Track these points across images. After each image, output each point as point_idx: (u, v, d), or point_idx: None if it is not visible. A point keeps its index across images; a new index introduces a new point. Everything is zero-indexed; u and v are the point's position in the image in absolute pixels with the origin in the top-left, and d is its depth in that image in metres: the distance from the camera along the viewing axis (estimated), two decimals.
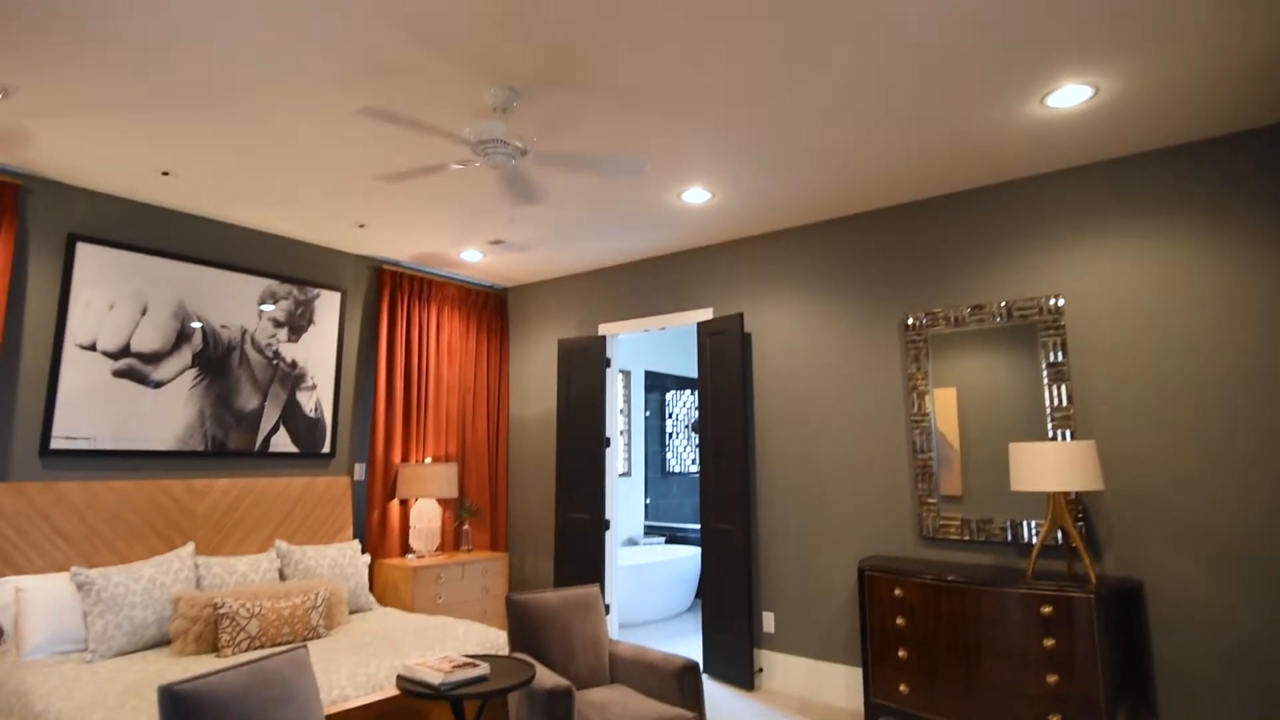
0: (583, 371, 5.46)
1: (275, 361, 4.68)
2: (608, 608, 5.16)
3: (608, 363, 5.42)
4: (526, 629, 3.24)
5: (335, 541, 4.72)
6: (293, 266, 4.84)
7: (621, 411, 7.24)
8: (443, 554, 5.20)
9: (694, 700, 2.99)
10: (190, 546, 3.84)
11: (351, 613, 4.19)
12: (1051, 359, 3.57)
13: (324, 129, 3.27)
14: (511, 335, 6.15)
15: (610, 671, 3.34)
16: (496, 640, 3.62)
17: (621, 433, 7.22)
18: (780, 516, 4.44)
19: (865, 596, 3.59)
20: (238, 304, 4.51)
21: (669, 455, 7.86)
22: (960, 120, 3.15)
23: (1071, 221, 3.62)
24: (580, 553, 5.25)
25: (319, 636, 3.62)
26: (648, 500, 7.47)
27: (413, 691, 2.48)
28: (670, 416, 7.95)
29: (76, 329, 3.87)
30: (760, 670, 4.37)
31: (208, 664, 3.16)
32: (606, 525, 5.22)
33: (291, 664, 2.33)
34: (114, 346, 4.00)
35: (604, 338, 5.41)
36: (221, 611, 3.38)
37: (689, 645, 5.30)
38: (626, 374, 7.34)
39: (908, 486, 3.97)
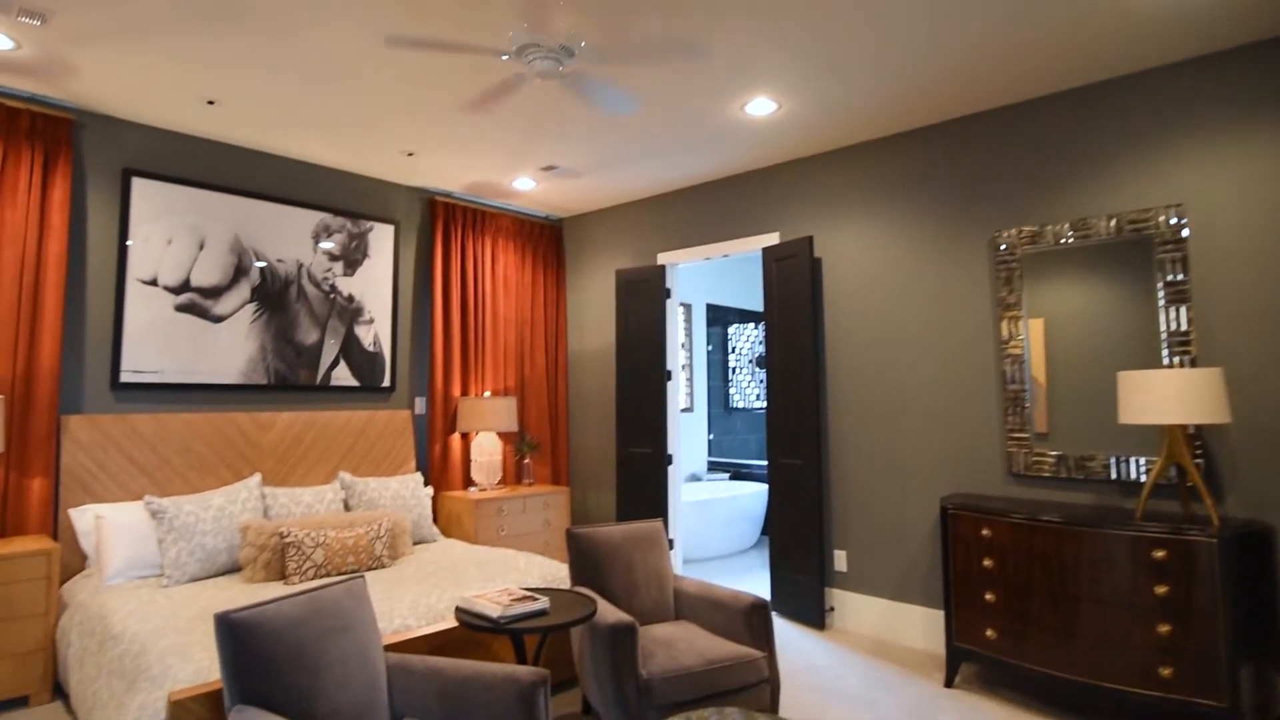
0: (642, 303, 5.25)
1: (332, 295, 4.63)
2: (671, 543, 5.08)
3: (667, 293, 5.19)
4: (588, 563, 3.14)
5: (398, 474, 4.74)
6: (345, 199, 4.73)
7: (683, 346, 7.03)
8: (504, 487, 5.18)
9: (763, 639, 2.86)
10: (257, 477, 3.87)
11: (415, 544, 4.21)
12: (1170, 278, 3.16)
13: (366, 51, 3.06)
14: (568, 268, 5.97)
15: (675, 608, 3.23)
16: (558, 573, 3.56)
17: (683, 367, 7.03)
18: (853, 451, 4.20)
19: (949, 536, 3.35)
20: (292, 238, 4.44)
21: (732, 390, 7.65)
22: (1071, 3, 2.71)
23: (1196, 120, 3.14)
24: (642, 487, 5.14)
25: (383, 566, 3.63)
26: (711, 436, 7.32)
27: (471, 624, 2.41)
28: (733, 351, 7.70)
29: (137, 264, 3.86)
30: (831, 609, 4.22)
31: (275, 591, 3.19)
32: (669, 460, 5.08)
33: (349, 594, 2.27)
34: (174, 281, 3.99)
35: (663, 267, 5.17)
36: (287, 540, 3.41)
37: (755, 583, 5.18)
38: (687, 307, 7.10)
39: (995, 420, 3.66)
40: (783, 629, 4.13)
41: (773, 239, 4.64)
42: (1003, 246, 3.63)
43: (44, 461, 3.47)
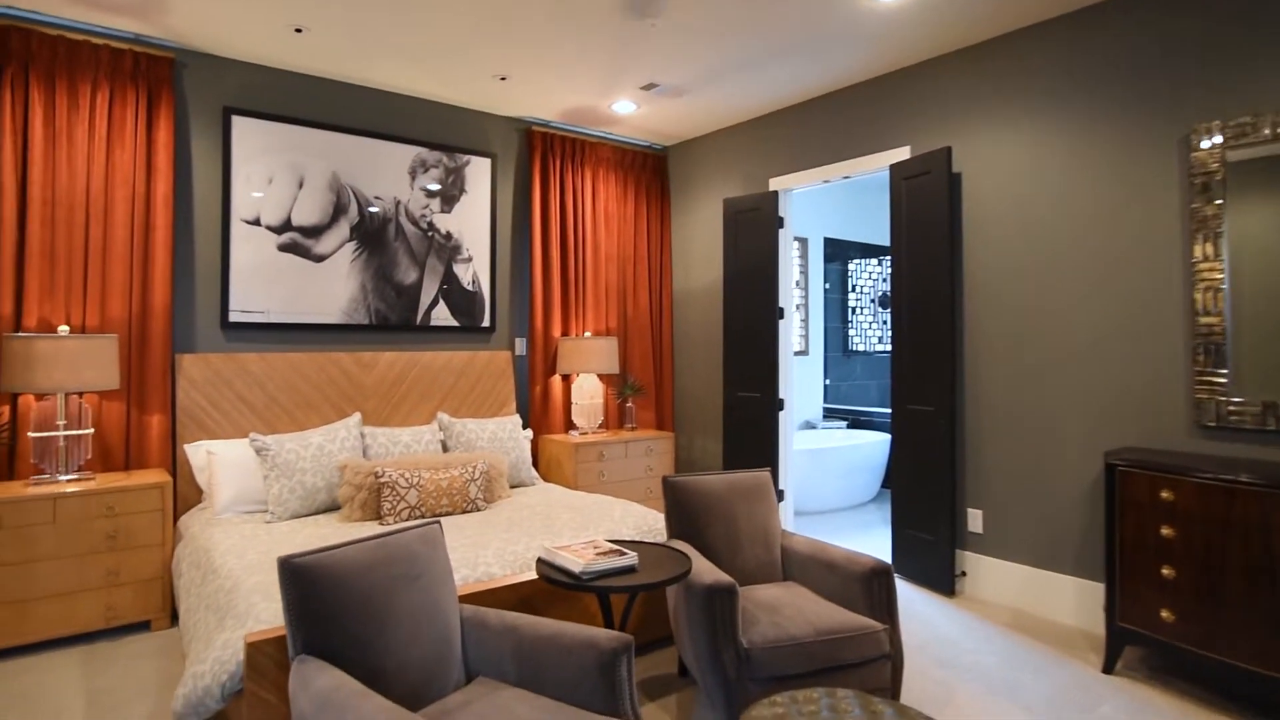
0: (751, 234, 4.82)
1: (430, 233, 4.51)
2: (781, 494, 4.74)
3: (780, 222, 4.72)
4: (685, 515, 2.87)
5: (498, 416, 4.65)
6: (441, 132, 4.56)
7: (797, 284, 6.53)
8: (606, 432, 5.00)
9: (883, 609, 2.49)
10: (357, 416, 3.86)
11: (512, 487, 4.11)
12: None
13: None
14: (673, 200, 5.59)
15: (783, 567, 2.92)
16: (655, 524, 3.32)
17: (798, 307, 6.54)
18: (994, 397, 3.65)
19: (1115, 498, 2.81)
20: (389, 174, 4.33)
21: (852, 333, 7.08)
22: None
23: None
24: (750, 434, 4.81)
25: (477, 510, 3.53)
26: (827, 381, 6.83)
27: (551, 578, 2.21)
28: (854, 289, 7.10)
29: (240, 204, 3.87)
30: (963, 574, 3.76)
31: (370, 530, 3.15)
32: (780, 405, 4.70)
33: (423, 540, 2.11)
34: (276, 221, 3.98)
35: (775, 194, 4.69)
36: (382, 481, 3.36)
37: (874, 540, 4.77)
38: (803, 242, 6.55)
39: (1179, 361, 3.02)
40: (906, 594, 3.73)
41: (901, 154, 4.06)
42: (1204, 144, 2.92)
43: (161, 398, 3.58)
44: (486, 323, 4.76)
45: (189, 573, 2.95)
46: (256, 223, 3.92)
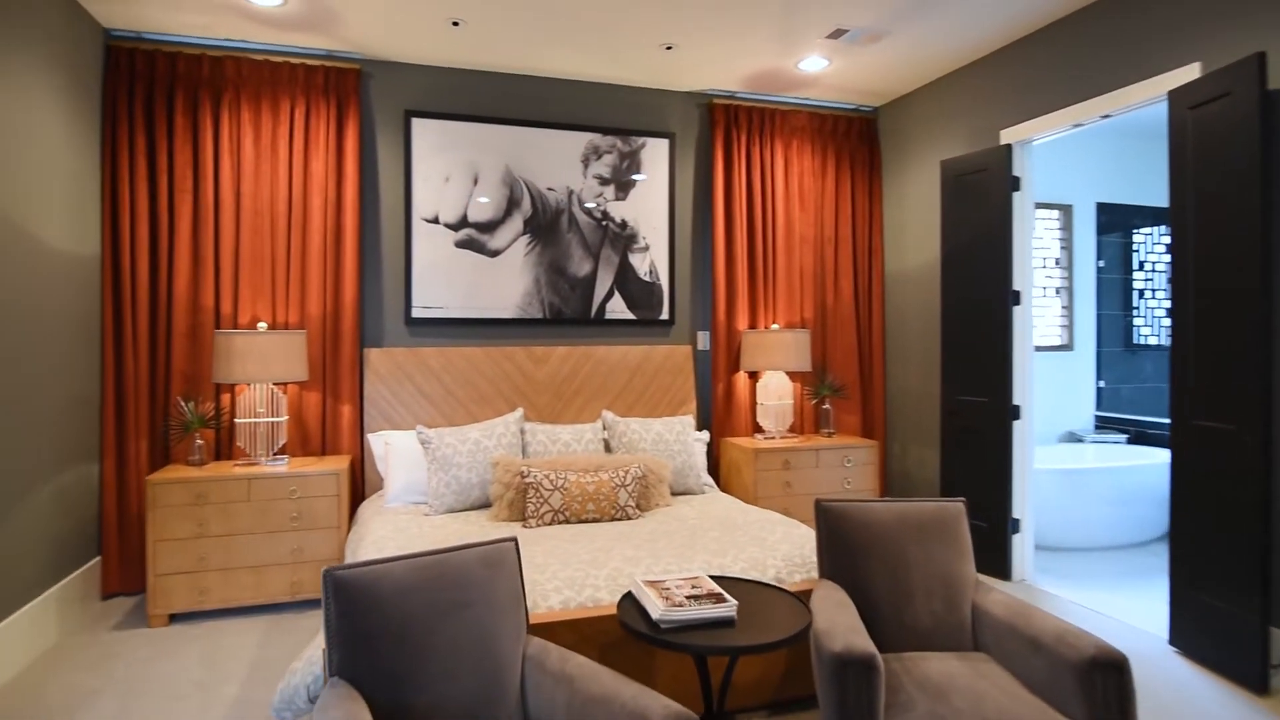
0: (976, 200, 3.92)
1: (604, 222, 4.33)
2: (1016, 524, 3.79)
3: (1014, 184, 3.77)
4: (840, 550, 2.29)
5: (677, 415, 4.33)
6: (613, 115, 4.35)
7: (1057, 262, 5.29)
8: (797, 436, 4.43)
9: (1111, 716, 1.71)
10: (519, 412, 3.79)
11: (677, 494, 3.76)
12: None
13: None
14: (886, 169, 4.81)
15: (973, 632, 2.20)
16: (813, 556, 2.75)
17: (1057, 290, 5.30)
18: None
19: None
20: (561, 163, 4.23)
21: (1138, 321, 5.60)
22: None
23: None
24: (975, 447, 3.92)
25: (627, 518, 3.24)
26: (1101, 384, 5.46)
27: (627, 624, 1.82)
28: (1140, 267, 5.61)
29: (420, 203, 4.01)
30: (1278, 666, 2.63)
31: (520, 531, 3.01)
32: (1014, 414, 3.76)
33: (484, 562, 1.85)
34: (454, 218, 4.06)
35: (1007, 148, 3.75)
36: (528, 481, 3.21)
37: (1149, 597, 3.61)
38: (1064, 210, 5.29)
39: None
40: (1187, 678, 2.70)
41: (1186, 74, 2.95)
42: None
43: (351, 390, 3.82)
44: (665, 315, 4.46)
45: (352, 556, 3.04)
46: (435, 221, 4.03)
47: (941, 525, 2.31)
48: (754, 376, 4.54)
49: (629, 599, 1.99)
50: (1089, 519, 4.32)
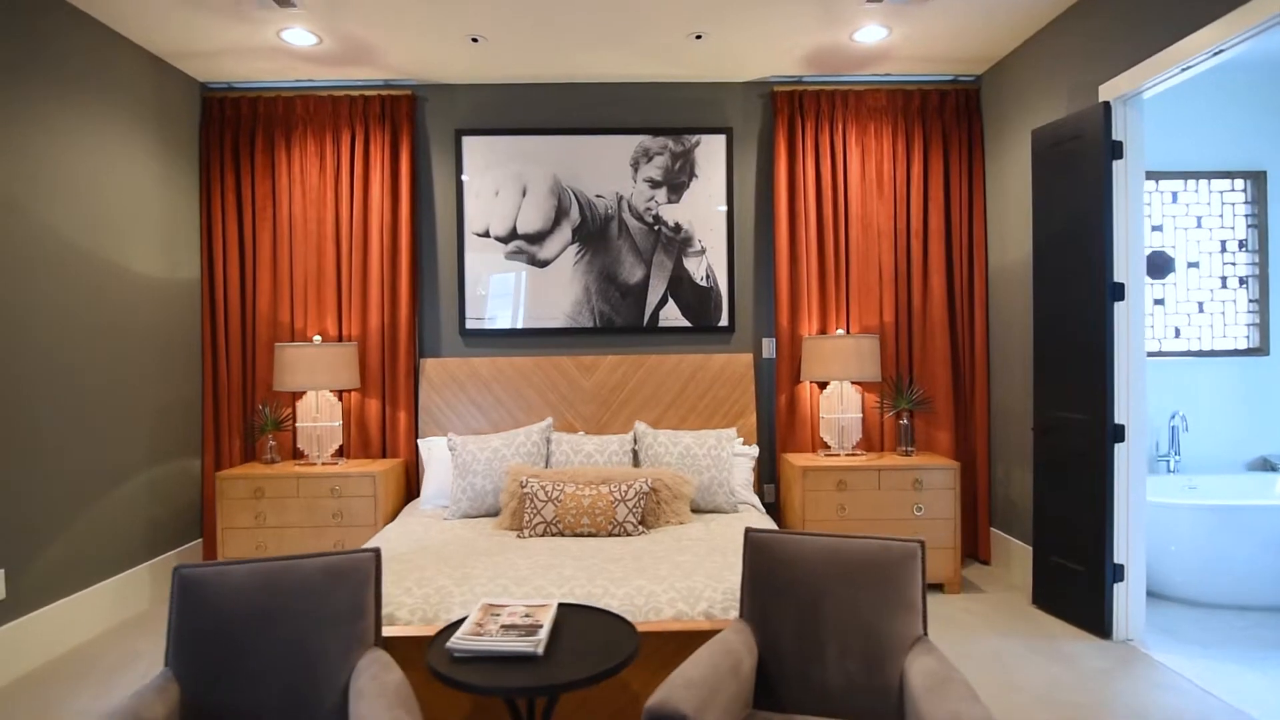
0: (1070, 175, 3.24)
1: (656, 227, 4.20)
2: (1118, 571, 3.06)
3: (1113, 150, 3.05)
4: (762, 587, 2.00)
5: (734, 427, 4.06)
6: (665, 114, 4.21)
7: (1241, 245, 4.19)
8: (867, 454, 3.95)
9: None
10: (547, 421, 3.79)
11: (704, 511, 3.51)
12: None
13: None
14: (989, 147, 4.14)
15: (900, 700, 1.80)
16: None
17: (1241, 281, 4.19)
18: None
19: None
20: (610, 169, 4.17)
21: None
22: None
23: None
24: (1072, 474, 3.23)
25: (625, 534, 3.10)
26: None
27: (430, 661, 1.71)
28: None
29: (471, 218, 4.18)
30: None
31: (508, 541, 3.02)
32: (1115, 435, 3.05)
33: (328, 572, 1.86)
34: (503, 231, 4.18)
35: (1104, 107, 3.05)
36: (525, 491, 3.20)
37: None
38: (1254, 178, 4.17)
39: None
40: None
41: None
42: None
43: (406, 397, 4.07)
44: (724, 322, 4.22)
45: None
46: (486, 234, 4.18)
47: (879, 570, 1.92)
48: (823, 387, 4.13)
49: (448, 630, 1.89)
50: (1243, 569, 3.36)
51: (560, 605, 1.95)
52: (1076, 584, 3.21)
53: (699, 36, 3.62)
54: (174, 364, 3.82)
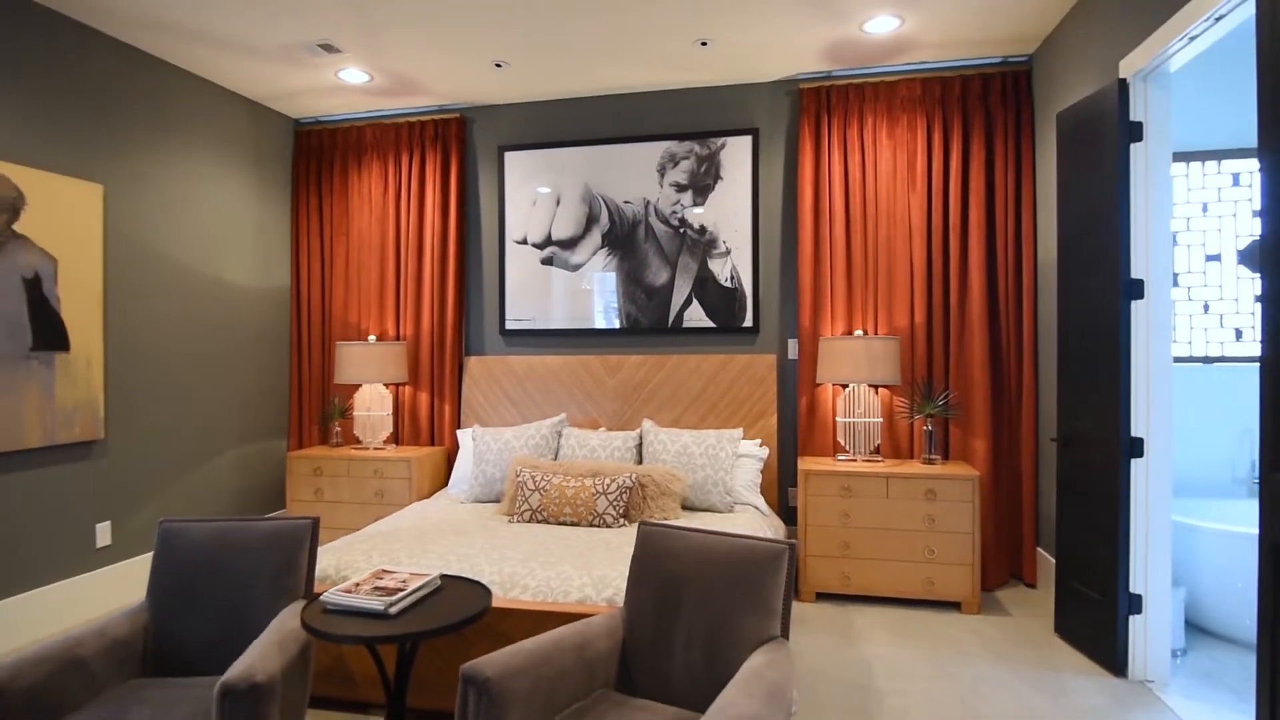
0: (1087, 160, 2.95)
1: (681, 230, 4.29)
2: (1135, 602, 2.74)
3: (1131, 131, 2.75)
4: (640, 576, 2.09)
5: (741, 428, 4.07)
6: (692, 118, 4.28)
7: None
8: (885, 461, 3.78)
9: None
10: (560, 417, 4.00)
11: (696, 510, 3.56)
12: None
13: None
14: (1039, 131, 3.81)
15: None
16: None
17: None
18: None
19: None
20: (637, 176, 4.32)
21: None
22: None
23: None
24: (1090, 488, 2.94)
25: (605, 525, 3.25)
26: None
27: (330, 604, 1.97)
28: None
29: (511, 227, 4.50)
30: None
31: (496, 524, 3.28)
32: (1132, 449, 2.74)
33: (271, 533, 2.20)
34: (539, 238, 4.46)
35: (1120, 85, 2.75)
36: (519, 480, 3.44)
37: None
38: None
39: None
40: None
41: None
42: None
43: (452, 392, 4.47)
44: (748, 322, 4.21)
45: None
46: (524, 242, 4.48)
47: (739, 569, 1.94)
48: (846, 389, 4.00)
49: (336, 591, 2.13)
50: None
51: (444, 576, 2.15)
52: (1093, 613, 2.91)
53: (704, 43, 3.67)
54: (266, 359, 4.48)
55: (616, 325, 4.37)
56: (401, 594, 1.92)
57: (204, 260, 4.04)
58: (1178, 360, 3.67)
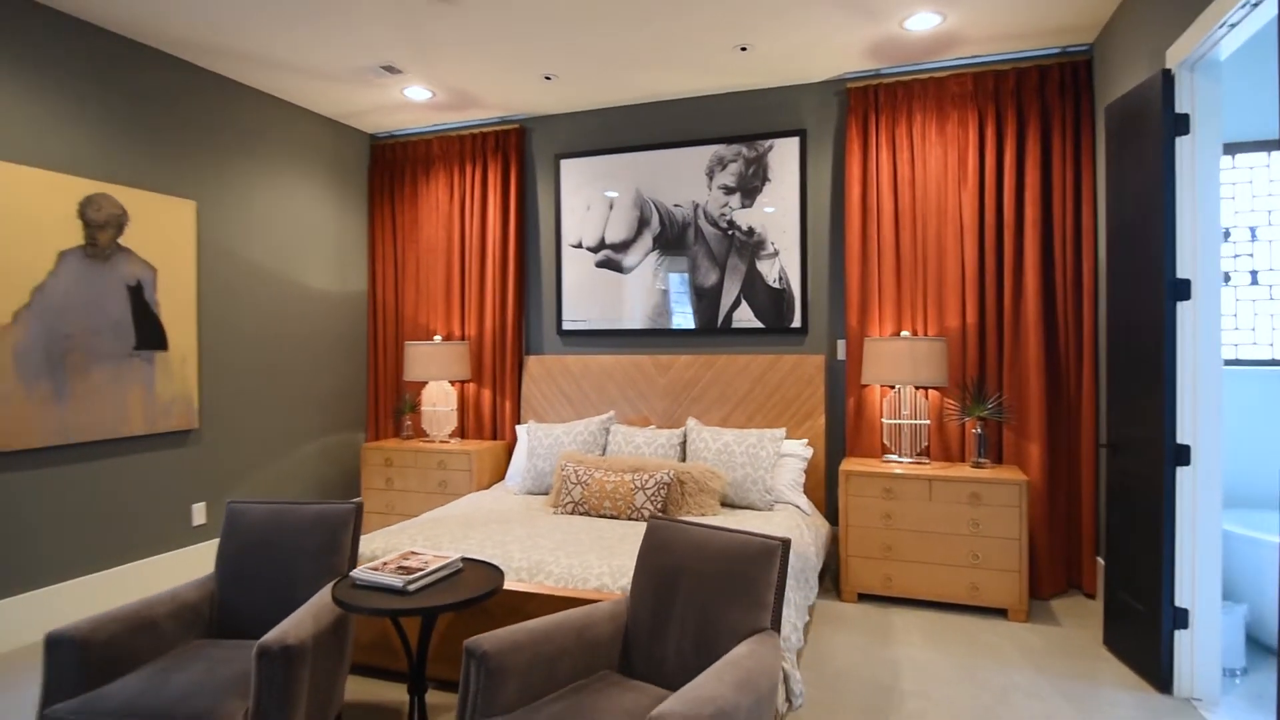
0: (1133, 155, 2.83)
1: (730, 232, 4.35)
2: (1182, 616, 2.62)
3: (1177, 124, 2.63)
4: (644, 566, 2.21)
5: (784, 427, 4.10)
6: (741, 121, 4.33)
7: None
8: (934, 463, 3.72)
9: None
10: (610, 414, 4.15)
11: (736, 507, 3.63)
12: None
13: None
14: (1099, 123, 3.64)
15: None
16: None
17: None
18: None
19: None
20: (687, 179, 4.41)
21: None
22: None
23: None
24: (1136, 497, 2.83)
25: (642, 519, 3.38)
26: None
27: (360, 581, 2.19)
28: None
29: (567, 231, 4.69)
30: None
31: (541, 515, 3.47)
32: (1178, 457, 2.62)
33: (317, 517, 2.44)
34: (593, 242, 4.63)
35: (1165, 75, 2.64)
36: (564, 474, 3.61)
37: None
38: None
39: None
40: None
41: None
42: None
43: (512, 388, 4.71)
44: (796, 323, 4.23)
45: None
46: (579, 245, 4.66)
47: (731, 562, 2.03)
48: (894, 389, 3.96)
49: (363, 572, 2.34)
50: None
51: (465, 560, 2.33)
52: (1138, 626, 2.80)
53: (743, 49, 3.73)
54: (346, 358, 4.87)
55: (667, 326, 4.48)
56: (420, 573, 2.12)
57: (287, 267, 4.43)
58: (1252, 363, 3.43)
